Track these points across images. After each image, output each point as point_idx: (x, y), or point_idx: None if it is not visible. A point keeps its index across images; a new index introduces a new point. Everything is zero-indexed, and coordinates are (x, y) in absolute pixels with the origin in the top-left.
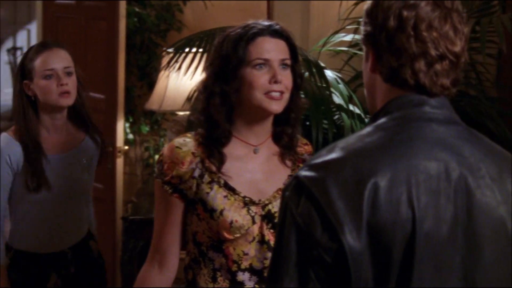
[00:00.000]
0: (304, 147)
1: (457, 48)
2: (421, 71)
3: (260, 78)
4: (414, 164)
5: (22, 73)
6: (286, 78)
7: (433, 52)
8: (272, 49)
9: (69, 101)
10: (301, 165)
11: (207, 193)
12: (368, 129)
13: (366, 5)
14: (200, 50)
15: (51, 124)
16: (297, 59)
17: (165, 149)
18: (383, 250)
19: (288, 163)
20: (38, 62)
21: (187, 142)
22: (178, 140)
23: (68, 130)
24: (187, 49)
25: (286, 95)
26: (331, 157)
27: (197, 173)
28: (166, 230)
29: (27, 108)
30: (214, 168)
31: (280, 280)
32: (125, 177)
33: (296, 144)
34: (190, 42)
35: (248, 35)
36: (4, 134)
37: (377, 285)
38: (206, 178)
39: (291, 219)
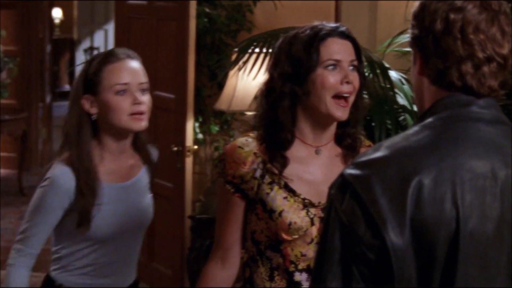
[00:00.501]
0: (367, 147)
1: (504, 51)
2: (468, 73)
3: (331, 78)
4: (459, 163)
5: (84, 85)
6: (355, 79)
7: (480, 54)
8: (342, 50)
9: (142, 124)
10: None
11: (267, 193)
12: (415, 128)
13: (413, 8)
14: (264, 50)
15: (116, 148)
16: (361, 60)
17: (228, 148)
18: (426, 248)
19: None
20: (107, 74)
21: (249, 142)
22: (241, 140)
23: (132, 154)
24: (251, 50)
25: (352, 98)
26: (376, 155)
27: (258, 173)
28: (228, 228)
29: (84, 128)
30: (275, 169)
31: (324, 277)
32: (195, 176)
33: (359, 145)
34: (253, 42)
35: (319, 36)
36: (59, 166)
37: (420, 283)
38: (267, 178)
39: (335, 216)
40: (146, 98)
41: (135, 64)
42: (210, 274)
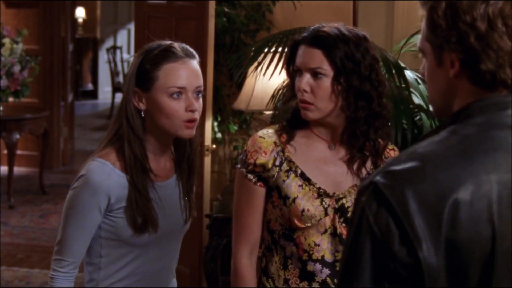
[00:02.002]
0: (389, 152)
1: None
2: None
3: (295, 85)
4: (497, 177)
5: (137, 78)
6: (316, 87)
7: None
8: (304, 58)
9: (193, 132)
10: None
11: (283, 180)
12: (447, 134)
13: (434, 11)
14: (280, 50)
15: (158, 147)
16: (344, 67)
17: (250, 140)
18: (460, 267)
19: (368, 164)
20: (163, 73)
21: (270, 133)
22: (262, 131)
23: (170, 156)
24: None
25: (317, 105)
26: (410, 165)
27: (278, 161)
28: (254, 220)
29: (139, 125)
30: (292, 157)
31: None
32: (214, 175)
33: (378, 148)
34: (268, 43)
35: (296, 42)
36: (100, 162)
37: None
38: (285, 166)
39: (367, 226)
40: (199, 105)
41: (194, 65)
42: (248, 274)
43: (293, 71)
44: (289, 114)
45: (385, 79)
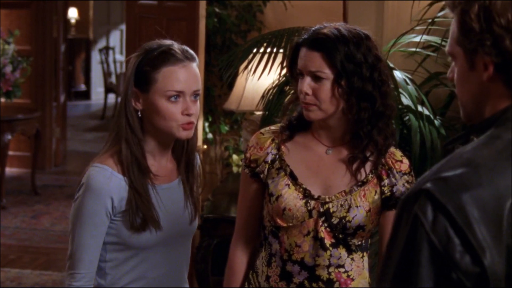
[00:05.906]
0: (395, 162)
1: None
2: None
3: (298, 87)
4: None
5: (135, 78)
6: (317, 90)
7: None
8: (305, 61)
9: (190, 133)
10: (384, 176)
11: (273, 177)
12: (488, 139)
13: (466, 14)
14: (268, 50)
15: (157, 148)
16: (345, 69)
17: (253, 135)
18: None
19: (366, 170)
20: (162, 76)
21: (271, 130)
22: (265, 128)
23: (172, 159)
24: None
25: (320, 106)
26: (462, 170)
27: (270, 158)
28: (248, 214)
29: (137, 126)
30: (285, 156)
31: None
32: (205, 176)
33: (380, 148)
34: (257, 43)
35: (297, 45)
36: (99, 167)
37: None
38: (276, 164)
39: (424, 235)
40: (196, 108)
41: (192, 68)
42: (235, 263)
43: (296, 73)
44: (296, 115)
45: (388, 78)
